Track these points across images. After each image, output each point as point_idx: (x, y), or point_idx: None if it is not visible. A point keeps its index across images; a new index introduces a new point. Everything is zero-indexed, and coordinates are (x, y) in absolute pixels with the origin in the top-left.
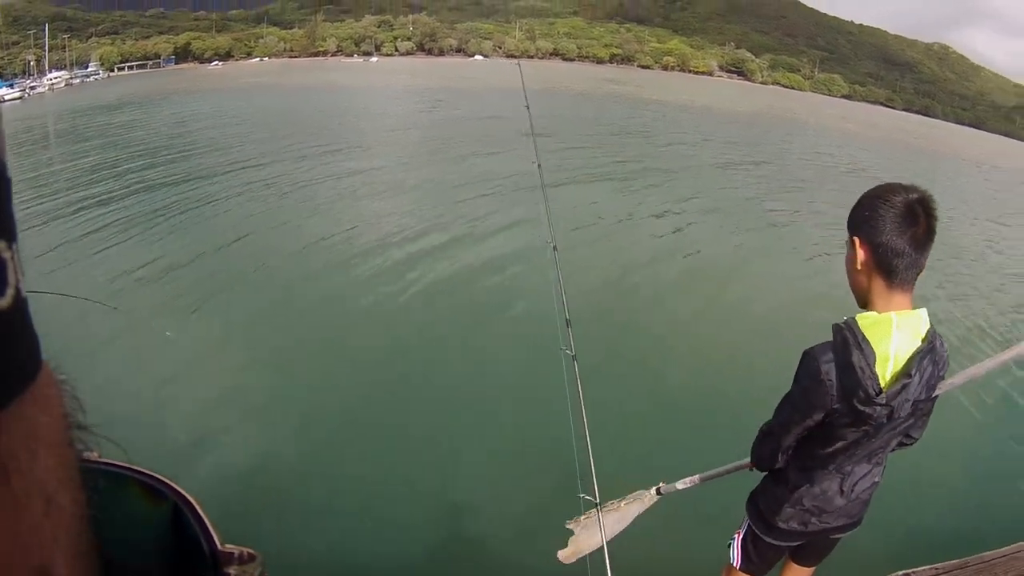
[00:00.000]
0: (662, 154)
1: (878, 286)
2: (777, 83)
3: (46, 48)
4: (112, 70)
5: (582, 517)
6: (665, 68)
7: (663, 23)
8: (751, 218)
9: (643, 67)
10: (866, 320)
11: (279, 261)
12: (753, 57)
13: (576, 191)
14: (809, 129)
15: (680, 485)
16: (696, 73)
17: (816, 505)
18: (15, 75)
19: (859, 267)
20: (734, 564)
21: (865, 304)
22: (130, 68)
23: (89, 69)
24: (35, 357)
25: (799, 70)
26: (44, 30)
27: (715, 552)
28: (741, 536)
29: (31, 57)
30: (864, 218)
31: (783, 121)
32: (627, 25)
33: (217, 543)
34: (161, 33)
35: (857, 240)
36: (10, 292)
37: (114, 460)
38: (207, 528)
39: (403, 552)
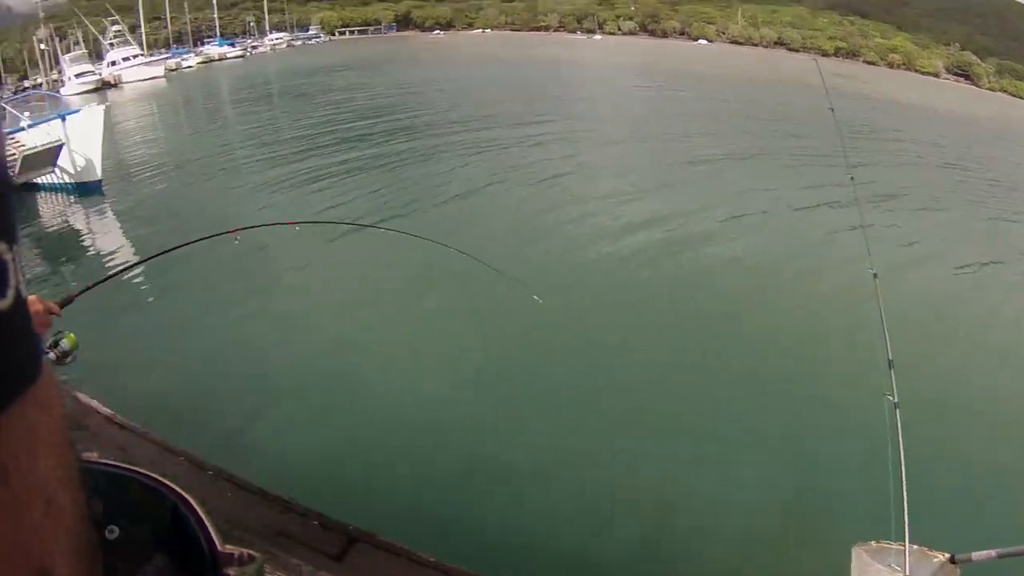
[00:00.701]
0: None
1: None
2: (1004, 90)
3: (265, 10)
4: (333, 34)
5: (872, 544)
6: (891, 66)
7: (886, 17)
8: None
9: (868, 63)
10: None
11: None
12: (979, 60)
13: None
14: None
15: (976, 556)
16: (922, 73)
17: None
18: (235, 35)
19: None
20: None
21: None
22: (351, 33)
23: (310, 32)
24: (35, 358)
25: None
26: None
27: None
28: None
29: (251, 18)
30: None
31: None
32: (850, 17)
33: (217, 544)
34: (380, 0)
35: None
36: (11, 293)
37: (114, 461)
38: (207, 529)
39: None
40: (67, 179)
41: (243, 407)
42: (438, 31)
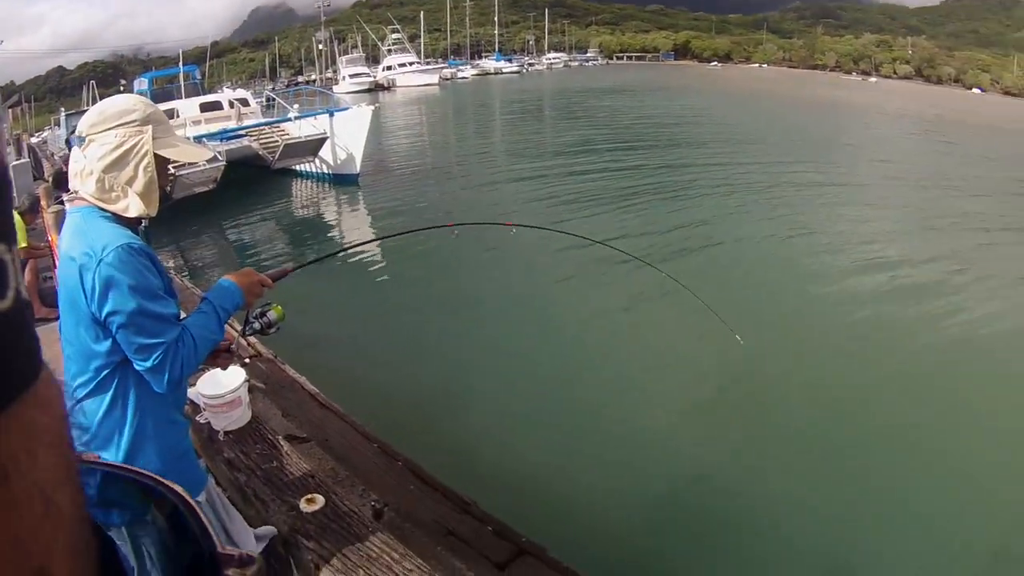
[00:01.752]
0: None
1: None
2: None
3: (546, 30)
4: (610, 58)
5: None
6: None
7: None
8: None
9: None
10: None
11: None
12: None
13: None
14: None
15: None
16: None
17: None
18: (514, 51)
19: None
20: None
21: None
22: (628, 58)
23: (588, 55)
24: (35, 358)
25: None
26: (544, 14)
27: None
28: None
29: (531, 37)
30: None
31: None
32: None
33: (217, 545)
34: (660, 29)
35: None
36: (10, 294)
37: (114, 462)
38: (207, 530)
39: None
40: (326, 169)
41: (437, 400)
42: (715, 63)
